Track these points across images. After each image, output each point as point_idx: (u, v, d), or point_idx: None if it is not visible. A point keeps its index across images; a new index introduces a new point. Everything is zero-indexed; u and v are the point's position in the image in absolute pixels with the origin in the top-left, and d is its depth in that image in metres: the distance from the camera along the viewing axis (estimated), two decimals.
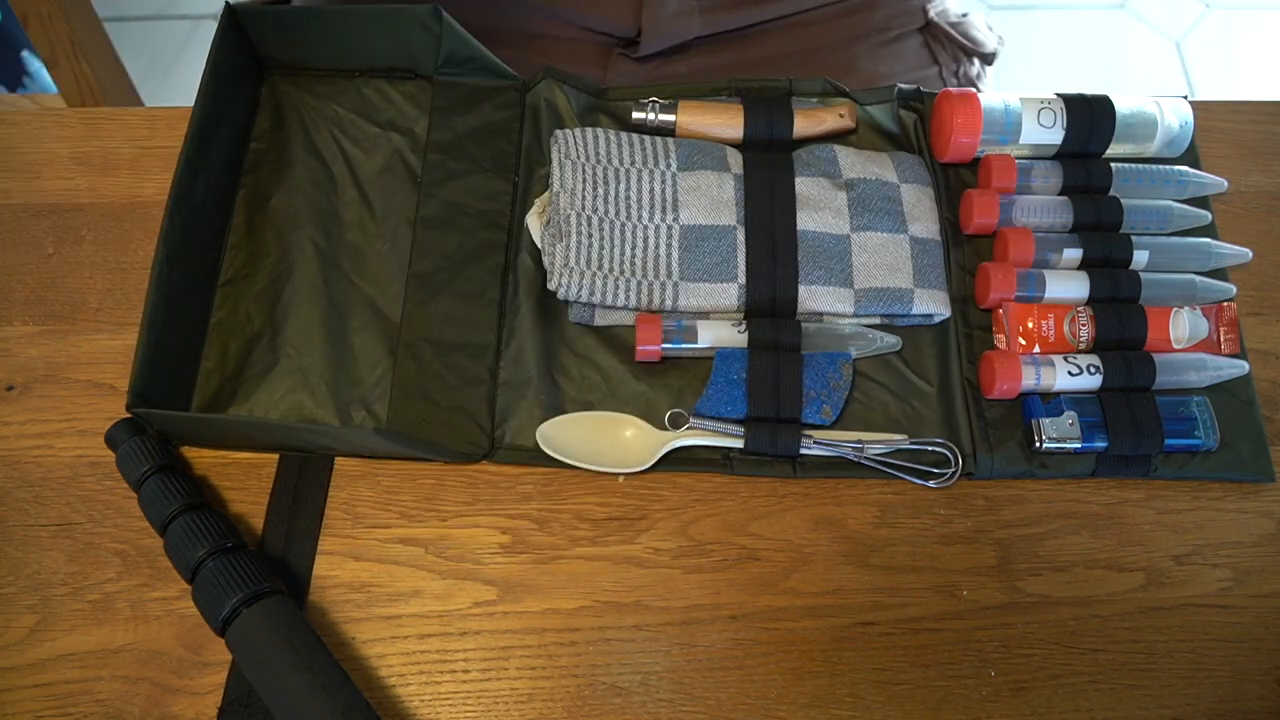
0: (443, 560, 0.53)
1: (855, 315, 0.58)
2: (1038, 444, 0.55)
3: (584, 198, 0.59)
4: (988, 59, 0.84)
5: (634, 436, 0.55)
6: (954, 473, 0.55)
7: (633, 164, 0.60)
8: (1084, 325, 0.57)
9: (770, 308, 0.58)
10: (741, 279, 0.58)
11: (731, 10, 0.74)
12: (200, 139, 0.57)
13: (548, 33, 0.74)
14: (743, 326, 0.57)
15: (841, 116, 0.63)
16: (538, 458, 0.55)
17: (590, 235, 0.58)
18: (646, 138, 0.62)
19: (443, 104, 0.62)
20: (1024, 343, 0.57)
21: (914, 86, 0.65)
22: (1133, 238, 0.59)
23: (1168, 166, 0.62)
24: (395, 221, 0.61)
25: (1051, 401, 0.56)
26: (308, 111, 0.64)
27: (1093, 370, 0.56)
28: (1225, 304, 0.58)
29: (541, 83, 0.64)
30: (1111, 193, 0.61)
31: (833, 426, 0.56)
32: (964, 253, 0.61)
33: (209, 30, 0.60)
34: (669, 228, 0.59)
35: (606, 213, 0.59)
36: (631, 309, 0.58)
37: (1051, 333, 0.57)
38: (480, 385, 0.56)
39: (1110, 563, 0.54)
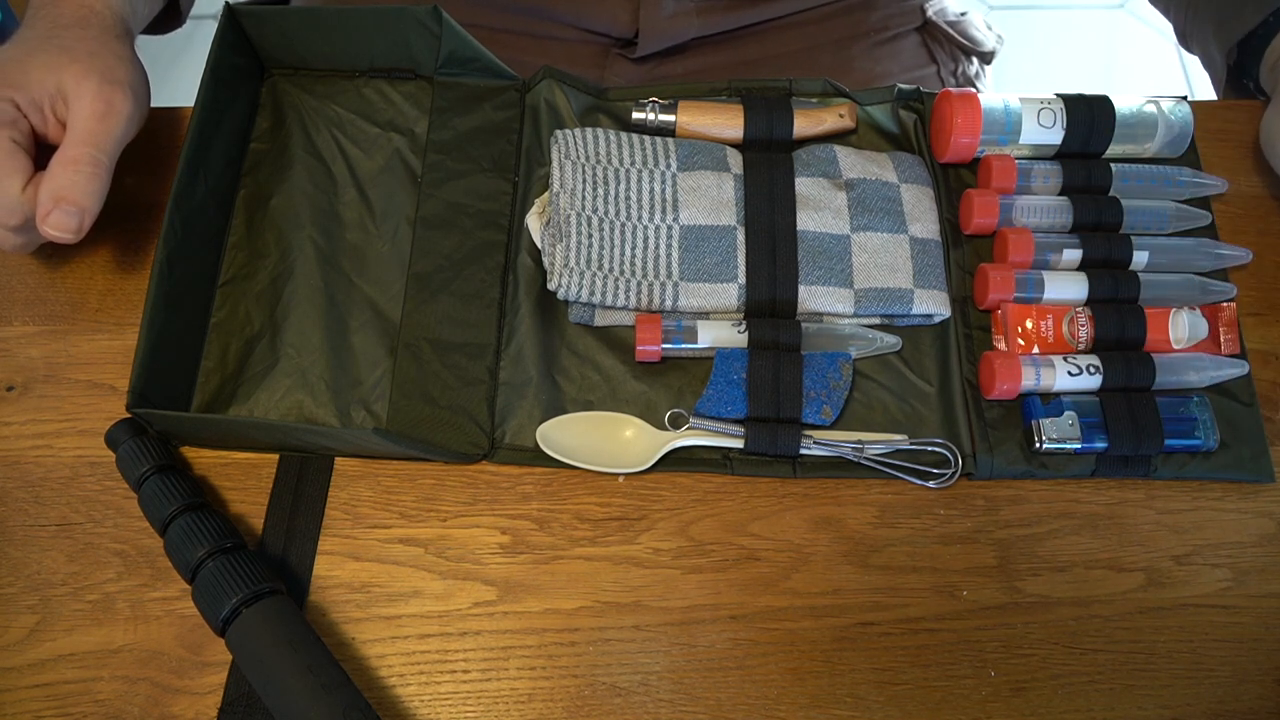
0: (443, 560, 0.53)
1: (855, 315, 0.58)
2: (1038, 444, 0.55)
3: (584, 198, 0.59)
4: (986, 58, 0.84)
5: (634, 436, 0.55)
6: (954, 473, 0.55)
7: (633, 164, 0.60)
8: (1083, 326, 0.57)
9: (770, 308, 0.58)
10: (741, 279, 0.58)
11: (728, 11, 0.74)
12: (200, 139, 0.57)
13: (545, 34, 0.74)
14: (743, 326, 0.57)
15: (841, 116, 0.63)
16: (538, 458, 0.55)
17: (590, 235, 0.58)
18: (646, 138, 0.62)
19: (443, 104, 0.62)
20: (1022, 343, 0.57)
21: (914, 87, 0.65)
22: (1133, 238, 0.59)
23: (1168, 167, 0.62)
24: (395, 221, 0.61)
25: (1051, 402, 0.56)
26: (308, 111, 0.64)
27: (1092, 370, 0.56)
28: (1225, 304, 0.58)
29: (541, 83, 0.64)
30: (1111, 193, 0.61)
31: (833, 426, 0.56)
32: (964, 253, 0.61)
33: (209, 30, 0.60)
34: (669, 228, 0.59)
35: (606, 213, 0.59)
36: (631, 309, 0.58)
37: (1050, 333, 0.57)
38: (480, 385, 0.56)
39: (1110, 563, 0.54)
